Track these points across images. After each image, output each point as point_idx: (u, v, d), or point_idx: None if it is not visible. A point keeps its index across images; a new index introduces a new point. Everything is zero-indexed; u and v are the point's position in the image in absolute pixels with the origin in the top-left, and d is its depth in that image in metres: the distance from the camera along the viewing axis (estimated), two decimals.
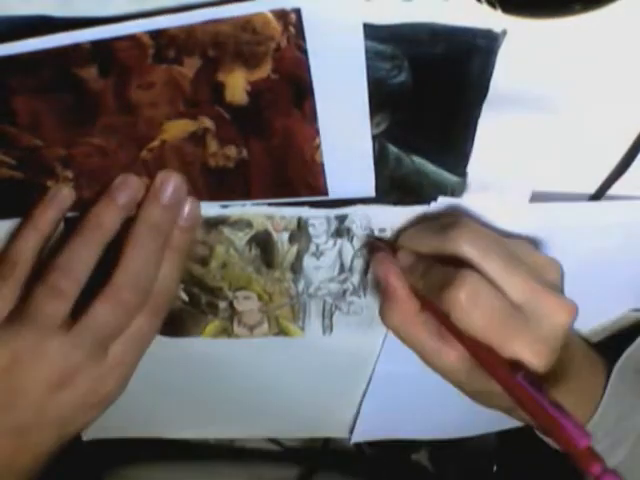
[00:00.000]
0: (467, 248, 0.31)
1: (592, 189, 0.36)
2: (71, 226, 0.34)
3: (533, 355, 0.30)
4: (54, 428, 0.33)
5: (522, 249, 0.33)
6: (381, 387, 0.46)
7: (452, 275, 0.31)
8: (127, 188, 0.33)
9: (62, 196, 0.33)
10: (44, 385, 0.32)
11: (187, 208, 0.34)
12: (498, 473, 0.53)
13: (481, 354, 0.31)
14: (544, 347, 0.31)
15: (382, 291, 0.35)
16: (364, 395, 0.47)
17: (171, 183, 0.33)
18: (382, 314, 0.35)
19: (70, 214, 0.34)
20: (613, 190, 0.35)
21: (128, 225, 0.33)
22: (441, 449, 0.50)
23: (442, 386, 0.35)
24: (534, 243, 0.35)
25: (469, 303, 0.30)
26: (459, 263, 0.31)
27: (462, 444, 0.49)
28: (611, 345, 0.41)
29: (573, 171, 0.35)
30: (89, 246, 0.32)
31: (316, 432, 0.52)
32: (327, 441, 0.54)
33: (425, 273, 0.33)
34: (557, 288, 0.32)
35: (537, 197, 0.35)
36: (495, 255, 0.31)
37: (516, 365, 0.30)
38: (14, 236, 0.33)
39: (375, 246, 0.37)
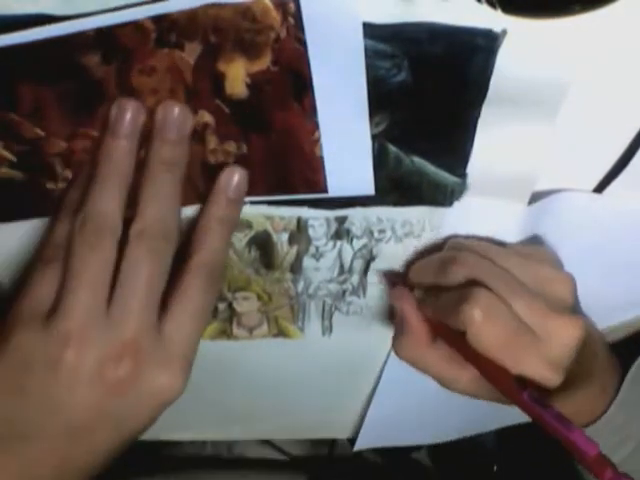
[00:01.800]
0: (469, 278, 0.32)
1: (590, 187, 0.36)
2: None
3: (546, 371, 0.31)
4: (111, 427, 0.30)
5: (528, 264, 0.33)
6: (386, 397, 0.46)
7: (465, 293, 0.32)
8: (125, 115, 0.29)
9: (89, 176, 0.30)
10: (97, 382, 0.29)
11: (236, 178, 0.32)
12: (498, 473, 0.53)
13: (492, 373, 0.32)
14: (555, 364, 0.31)
15: (397, 323, 0.36)
16: (369, 404, 0.47)
17: (174, 113, 0.30)
18: (397, 346, 0.36)
19: None
20: (610, 189, 0.36)
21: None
22: (441, 447, 0.50)
23: (444, 393, 0.35)
24: (547, 252, 0.36)
25: (484, 319, 0.31)
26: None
27: (462, 444, 0.49)
28: (629, 344, 0.41)
29: (572, 170, 0.35)
30: (111, 190, 0.29)
31: (316, 433, 0.52)
32: (331, 450, 0.54)
33: (436, 298, 0.34)
34: (564, 303, 0.33)
35: (535, 197, 0.36)
36: (497, 280, 0.32)
37: (523, 382, 0.31)
38: (51, 222, 0.32)
39: (390, 280, 0.38)
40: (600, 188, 0.36)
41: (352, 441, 0.50)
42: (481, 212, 0.36)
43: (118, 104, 0.29)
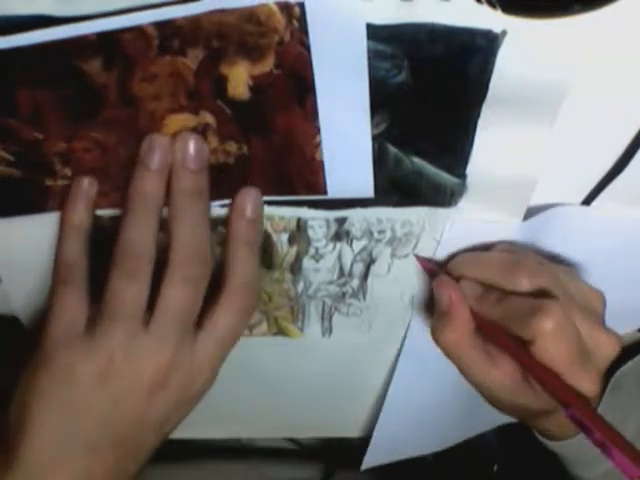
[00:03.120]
0: (531, 288, 0.33)
1: (579, 199, 0.36)
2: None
3: (592, 383, 0.32)
4: (152, 432, 0.33)
5: (569, 278, 0.34)
6: (390, 416, 0.46)
7: (538, 305, 0.32)
8: (156, 149, 0.31)
9: (85, 187, 0.33)
10: (140, 391, 0.32)
11: (252, 201, 0.34)
12: (499, 473, 0.53)
13: (543, 379, 0.32)
14: (598, 379, 0.33)
15: (440, 311, 0.36)
16: (370, 404, 0.47)
17: (191, 145, 0.31)
18: (437, 332, 0.36)
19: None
20: (599, 201, 0.36)
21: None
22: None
23: (446, 404, 0.36)
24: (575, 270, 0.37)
25: (556, 333, 0.31)
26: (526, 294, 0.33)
27: (463, 444, 0.49)
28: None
29: (561, 181, 0.35)
30: (143, 221, 0.31)
31: (318, 432, 0.52)
32: (341, 442, 0.54)
33: (500, 301, 0.34)
34: (601, 318, 0.34)
35: (530, 212, 0.36)
36: (561, 293, 0.33)
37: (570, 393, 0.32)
38: (58, 241, 0.33)
39: (427, 267, 0.38)
40: (589, 200, 0.36)
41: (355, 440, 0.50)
42: (477, 229, 0.36)
43: (149, 138, 0.31)
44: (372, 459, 0.49)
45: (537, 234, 0.37)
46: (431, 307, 0.38)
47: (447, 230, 0.36)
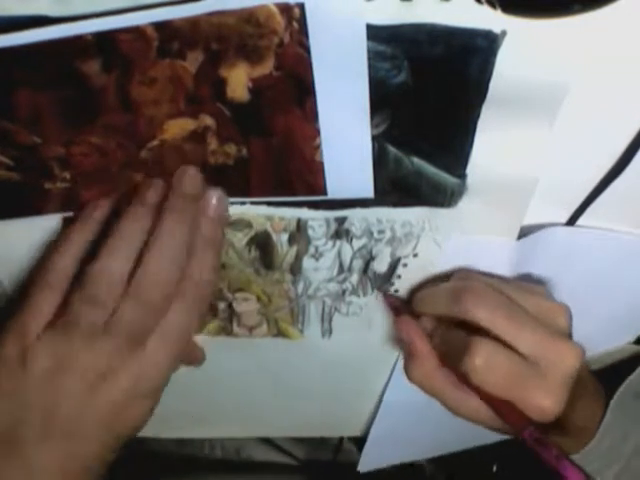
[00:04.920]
0: (475, 313, 0.34)
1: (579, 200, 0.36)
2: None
3: (550, 402, 0.33)
4: (100, 430, 0.33)
5: (529, 296, 0.35)
6: (387, 418, 0.47)
7: (466, 342, 0.33)
8: (152, 189, 0.33)
9: (97, 215, 0.34)
10: (85, 383, 0.32)
11: (215, 199, 0.34)
12: (499, 473, 0.53)
13: (497, 406, 0.34)
14: (559, 392, 0.33)
15: (405, 349, 0.37)
16: (371, 403, 0.47)
17: (186, 174, 0.32)
18: (406, 370, 0.37)
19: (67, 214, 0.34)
20: (596, 204, 0.36)
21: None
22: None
23: (445, 412, 0.36)
24: (542, 286, 0.37)
25: (485, 369, 0.33)
26: (473, 325, 0.34)
27: None
28: (611, 374, 0.42)
29: (567, 171, 0.35)
30: (119, 256, 0.32)
31: (316, 432, 0.52)
32: (336, 453, 0.54)
33: (443, 337, 0.36)
34: (564, 332, 0.35)
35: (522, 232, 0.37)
36: (502, 314, 0.33)
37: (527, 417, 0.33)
38: (54, 248, 0.34)
39: (392, 305, 0.39)
40: (588, 199, 0.36)
41: (358, 439, 0.50)
42: (472, 248, 0.37)
43: (149, 183, 0.33)
44: (368, 462, 0.50)
45: (531, 252, 0.37)
46: None
47: (443, 251, 0.37)
